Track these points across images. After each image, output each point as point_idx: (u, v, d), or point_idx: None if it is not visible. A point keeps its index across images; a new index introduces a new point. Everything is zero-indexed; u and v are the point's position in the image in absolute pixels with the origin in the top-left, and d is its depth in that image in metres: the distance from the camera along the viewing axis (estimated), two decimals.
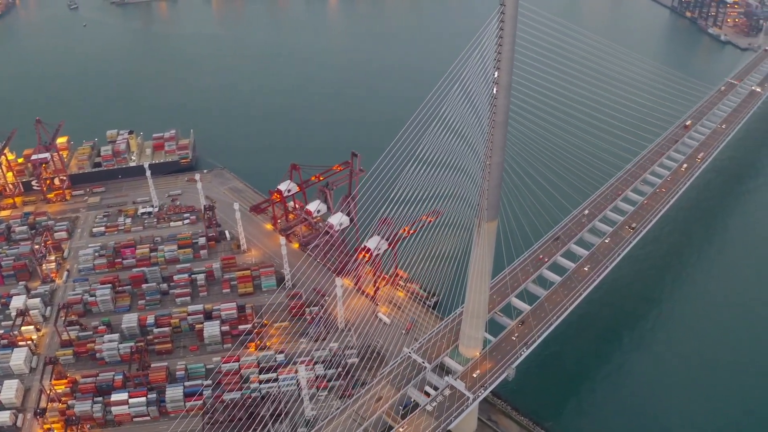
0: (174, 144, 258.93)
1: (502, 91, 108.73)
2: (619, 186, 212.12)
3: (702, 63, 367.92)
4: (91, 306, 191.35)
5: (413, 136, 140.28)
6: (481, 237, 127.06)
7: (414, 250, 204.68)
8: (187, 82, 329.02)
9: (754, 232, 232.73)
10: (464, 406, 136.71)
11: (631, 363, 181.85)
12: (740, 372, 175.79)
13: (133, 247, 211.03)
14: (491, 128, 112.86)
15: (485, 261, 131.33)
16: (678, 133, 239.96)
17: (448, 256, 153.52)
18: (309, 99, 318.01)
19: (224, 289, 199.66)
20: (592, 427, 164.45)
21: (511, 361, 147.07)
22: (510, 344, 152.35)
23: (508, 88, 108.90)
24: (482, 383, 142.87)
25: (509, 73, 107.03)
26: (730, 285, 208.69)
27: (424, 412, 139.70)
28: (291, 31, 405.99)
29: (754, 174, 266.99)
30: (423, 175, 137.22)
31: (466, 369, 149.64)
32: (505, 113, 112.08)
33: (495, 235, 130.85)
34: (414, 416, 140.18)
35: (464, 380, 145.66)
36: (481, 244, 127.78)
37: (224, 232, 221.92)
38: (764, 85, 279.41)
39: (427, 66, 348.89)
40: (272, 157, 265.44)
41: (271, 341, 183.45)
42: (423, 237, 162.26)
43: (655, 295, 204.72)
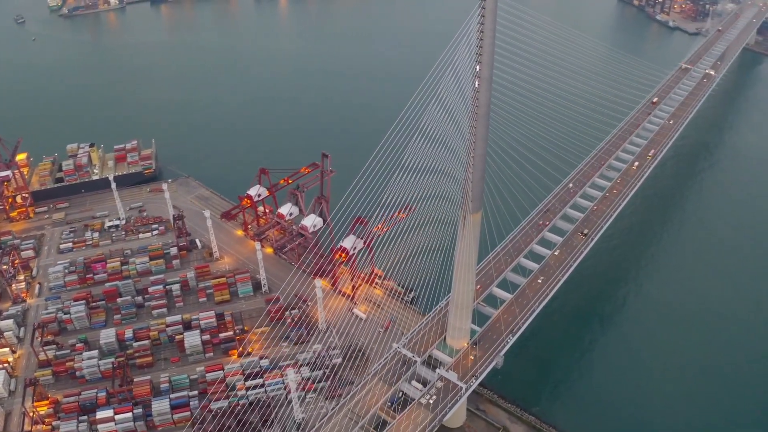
0: (136, 155, 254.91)
1: (484, 84, 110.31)
2: (588, 171, 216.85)
3: (653, 49, 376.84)
4: (66, 324, 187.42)
5: (384, 135, 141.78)
6: (466, 229, 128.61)
7: (390, 247, 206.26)
8: (143, 92, 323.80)
9: (711, 212, 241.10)
10: (458, 396, 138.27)
11: (609, 345, 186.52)
12: (712, 352, 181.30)
13: (103, 262, 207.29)
14: (474, 121, 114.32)
15: (471, 252, 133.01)
16: (639, 117, 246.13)
17: (424, 252, 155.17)
18: (269, 102, 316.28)
19: (200, 298, 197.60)
20: (576, 409, 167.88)
21: (499, 350, 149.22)
22: (496, 333, 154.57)
23: (489, 81, 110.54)
24: (473, 372, 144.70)
25: (490, 66, 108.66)
26: (701, 264, 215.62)
27: (419, 405, 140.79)
28: (243, 35, 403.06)
29: (707, 155, 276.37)
30: (395, 172, 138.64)
31: (456, 360, 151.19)
32: (486, 106, 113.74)
33: (479, 227, 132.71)
34: (410, 410, 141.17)
35: (454, 371, 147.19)
36: (467, 236, 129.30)
37: (195, 240, 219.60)
38: (717, 68, 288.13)
39: (386, 63, 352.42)
40: (237, 162, 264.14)
41: (253, 347, 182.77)
42: (398, 234, 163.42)
43: (629, 278, 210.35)
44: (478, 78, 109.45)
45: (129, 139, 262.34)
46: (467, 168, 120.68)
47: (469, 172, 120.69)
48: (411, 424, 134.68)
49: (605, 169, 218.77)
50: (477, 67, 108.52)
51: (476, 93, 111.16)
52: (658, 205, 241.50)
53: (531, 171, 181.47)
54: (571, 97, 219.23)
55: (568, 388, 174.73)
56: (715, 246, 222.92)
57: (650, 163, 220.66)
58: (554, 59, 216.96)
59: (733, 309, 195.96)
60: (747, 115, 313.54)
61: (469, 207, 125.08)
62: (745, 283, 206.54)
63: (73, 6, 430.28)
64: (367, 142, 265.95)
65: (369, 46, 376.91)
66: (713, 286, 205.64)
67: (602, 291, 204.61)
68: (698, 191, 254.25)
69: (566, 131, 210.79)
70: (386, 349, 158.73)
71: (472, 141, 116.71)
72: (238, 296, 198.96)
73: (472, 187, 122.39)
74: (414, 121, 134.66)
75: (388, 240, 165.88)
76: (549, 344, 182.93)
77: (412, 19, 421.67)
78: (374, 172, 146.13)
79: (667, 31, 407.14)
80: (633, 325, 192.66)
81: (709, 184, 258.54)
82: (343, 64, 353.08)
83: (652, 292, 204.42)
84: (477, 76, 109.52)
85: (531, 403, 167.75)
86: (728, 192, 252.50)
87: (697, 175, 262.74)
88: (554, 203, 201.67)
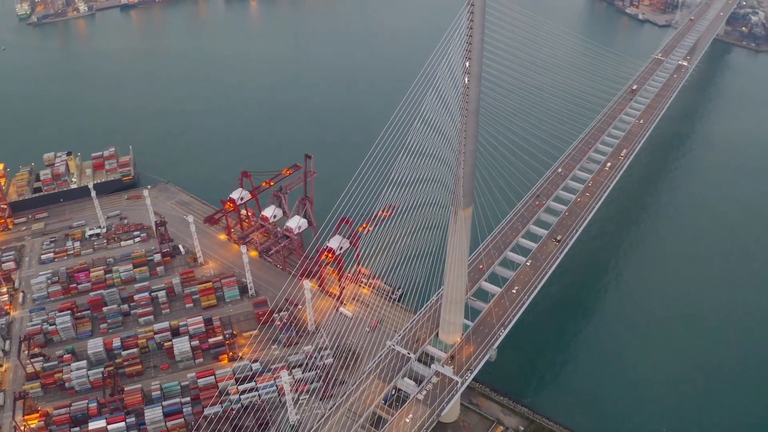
0: (115, 162, 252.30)
1: (474, 80, 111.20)
2: (570, 163, 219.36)
3: (625, 42, 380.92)
4: (52, 335, 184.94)
5: (366, 135, 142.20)
6: (458, 224, 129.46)
7: (377, 246, 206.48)
8: (118, 98, 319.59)
9: (687, 200, 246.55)
10: (455, 391, 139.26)
11: (595, 335, 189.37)
12: (695, 341, 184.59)
13: (86, 271, 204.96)
14: (463, 117, 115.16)
15: (463, 247, 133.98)
16: (617, 109, 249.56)
17: (411, 250, 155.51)
18: (245, 105, 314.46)
19: (187, 303, 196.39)
20: (566, 399, 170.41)
21: (492, 343, 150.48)
22: (488, 326, 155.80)
23: (478, 77, 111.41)
24: (468, 366, 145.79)
25: (479, 62, 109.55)
26: (679, 253, 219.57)
27: (416, 401, 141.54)
28: (216, 38, 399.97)
29: (680, 145, 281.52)
30: (380, 172, 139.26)
31: (450, 354, 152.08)
32: (476, 102, 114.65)
33: (470, 222, 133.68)
34: (407, 406, 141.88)
35: (449, 366, 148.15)
36: (458, 231, 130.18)
37: (178, 246, 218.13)
38: (690, 59, 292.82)
39: (362, 63, 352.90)
40: (216, 166, 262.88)
41: (243, 351, 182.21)
42: (385, 232, 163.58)
43: (611, 269, 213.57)
44: (467, 74, 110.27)
45: (106, 146, 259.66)
46: (458, 164, 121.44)
47: (460, 168, 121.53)
48: (409, 420, 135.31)
49: (585, 161, 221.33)
50: (467, 63, 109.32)
51: (466, 89, 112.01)
52: (635, 194, 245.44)
53: (515, 165, 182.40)
54: (550, 90, 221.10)
55: (559, 379, 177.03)
56: (692, 234, 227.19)
57: (623, 163, 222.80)
58: (533, 53, 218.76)
59: (712, 298, 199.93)
60: (717, 104, 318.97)
61: (461, 202, 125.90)
62: (724, 270, 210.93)
63: (42, 14, 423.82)
64: (347, 142, 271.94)
65: (342, 46, 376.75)
66: (692, 274, 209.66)
67: (585, 283, 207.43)
68: (673, 180, 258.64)
69: (548, 124, 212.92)
70: (377, 347, 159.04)
71: (462, 137, 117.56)
72: (224, 301, 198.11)
73: (462, 183, 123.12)
74: (398, 119, 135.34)
75: (374, 239, 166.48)
76: (537, 336, 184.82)
77: (384, 18, 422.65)
78: (358, 173, 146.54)
79: (638, 24, 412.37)
80: (617, 315, 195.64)
81: (684, 173, 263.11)
82: (318, 65, 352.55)
83: (635, 282, 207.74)
84: (466, 73, 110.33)
85: (523, 395, 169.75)
86: (703, 180, 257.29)
87: (672, 164, 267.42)
88: (540, 196, 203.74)
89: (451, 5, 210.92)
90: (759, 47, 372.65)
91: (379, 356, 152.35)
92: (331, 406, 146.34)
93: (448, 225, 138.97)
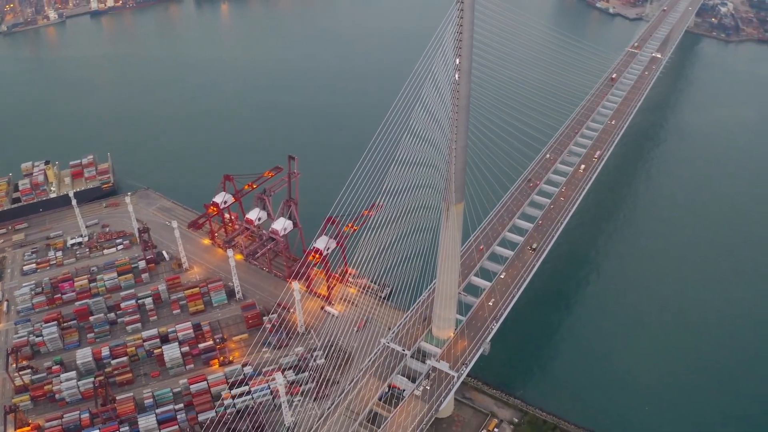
0: (93, 170, 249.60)
1: (464, 76, 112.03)
2: (552, 155, 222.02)
3: (598, 35, 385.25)
4: (39, 347, 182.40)
5: (346, 134, 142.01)
6: (450, 220, 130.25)
7: (364, 245, 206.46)
8: (93, 105, 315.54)
9: (660, 188, 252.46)
10: (451, 385, 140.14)
11: (584, 327, 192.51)
12: (684, 331, 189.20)
13: (70, 281, 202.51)
14: (454, 113, 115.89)
15: (455, 243, 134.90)
16: (595, 101, 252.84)
17: (398, 248, 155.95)
18: (222, 108, 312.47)
19: (174, 310, 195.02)
20: (557, 388, 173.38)
21: (485, 336, 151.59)
22: (480, 320, 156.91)
23: (468, 73, 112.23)
24: (462, 360, 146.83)
25: (469, 58, 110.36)
26: (658, 238, 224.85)
27: (414, 397, 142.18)
28: (188, 42, 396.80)
29: (654, 136, 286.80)
30: (363, 171, 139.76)
31: (444, 349, 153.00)
32: (466, 98, 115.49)
33: (462, 217, 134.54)
34: (404, 403, 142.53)
35: (444, 360, 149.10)
36: (450, 227, 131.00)
37: (162, 252, 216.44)
38: (663, 51, 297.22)
39: (337, 63, 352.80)
40: (196, 171, 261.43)
41: (233, 355, 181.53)
42: (372, 232, 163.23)
43: (591, 260, 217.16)
44: (458, 71, 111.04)
45: (84, 154, 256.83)
46: (449, 159, 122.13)
47: (452, 164, 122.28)
48: (408, 416, 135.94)
49: (566, 155, 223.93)
50: (457, 60, 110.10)
51: (456, 86, 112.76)
52: (611, 186, 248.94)
53: (501, 159, 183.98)
54: (529, 84, 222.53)
55: (548, 371, 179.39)
56: (668, 225, 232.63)
57: (597, 165, 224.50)
58: (512, 49, 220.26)
59: (690, 288, 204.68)
60: (689, 95, 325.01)
61: (452, 198, 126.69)
62: (700, 260, 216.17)
63: (11, 23, 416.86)
64: (328, 142, 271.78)
65: (316, 46, 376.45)
66: (670, 265, 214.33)
67: (567, 275, 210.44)
68: (647, 171, 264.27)
69: (530, 117, 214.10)
70: (368, 346, 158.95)
71: (453, 133, 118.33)
72: (212, 305, 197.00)
73: (454, 178, 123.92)
74: (379, 118, 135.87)
75: (361, 238, 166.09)
76: (524, 329, 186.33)
77: (356, 18, 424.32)
78: (342, 172, 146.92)
79: (608, 18, 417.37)
80: (600, 306, 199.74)
81: (658, 163, 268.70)
82: (293, 66, 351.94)
83: (615, 274, 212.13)
84: (457, 69, 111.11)
85: (515, 387, 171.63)
86: (676, 171, 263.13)
87: (647, 155, 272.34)
88: (524, 187, 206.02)
89: (421, 6, 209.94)
90: (728, 37, 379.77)
91: (374, 354, 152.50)
92: (330, 405, 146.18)
93: (433, 224, 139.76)
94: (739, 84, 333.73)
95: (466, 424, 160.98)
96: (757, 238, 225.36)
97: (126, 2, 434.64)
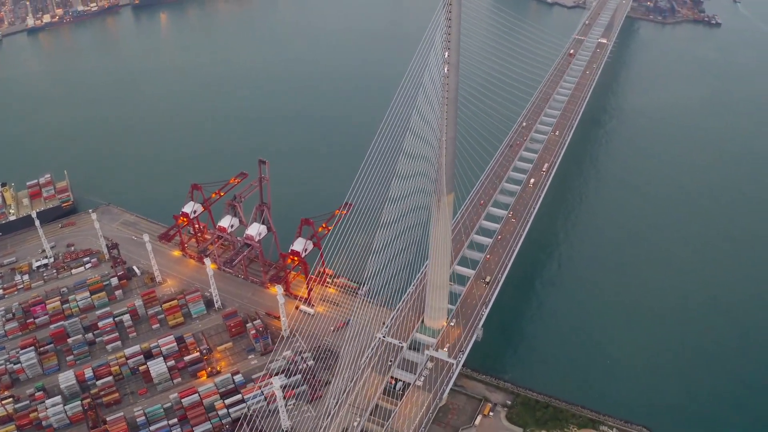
0: (52, 189, 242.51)
1: (453, 69, 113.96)
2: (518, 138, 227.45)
3: (540, 24, 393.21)
4: (18, 374, 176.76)
5: (309, 136, 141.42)
6: (441, 211, 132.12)
7: (340, 244, 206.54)
8: (42, 124, 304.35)
9: (609, 170, 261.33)
10: (451, 372, 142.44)
11: (559, 305, 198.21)
12: (667, 310, 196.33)
13: (42, 304, 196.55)
14: (444, 105, 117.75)
15: (446, 233, 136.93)
16: (551, 87, 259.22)
17: (377, 244, 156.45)
18: (176, 117, 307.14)
19: (153, 324, 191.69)
20: (544, 368, 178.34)
21: (477, 323, 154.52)
22: (469, 308, 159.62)
23: (457, 66, 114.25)
24: (459, 348, 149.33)
25: (457, 52, 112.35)
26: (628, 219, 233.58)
27: (415, 388, 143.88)
28: (130, 53, 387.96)
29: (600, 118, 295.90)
30: (334, 171, 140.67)
31: (439, 338, 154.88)
32: (455, 90, 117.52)
33: (452, 208, 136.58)
34: (408, 394, 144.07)
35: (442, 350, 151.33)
36: (441, 218, 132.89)
37: (132, 268, 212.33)
38: (608, 37, 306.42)
39: (279, 63, 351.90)
40: (156, 183, 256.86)
41: (220, 365, 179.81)
42: (346, 231, 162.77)
43: (563, 243, 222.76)
44: (447, 64, 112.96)
45: (40, 173, 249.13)
46: (440, 152, 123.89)
47: (442, 155, 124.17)
48: (413, 406, 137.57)
49: (529, 142, 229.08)
50: (446, 53, 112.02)
51: (446, 78, 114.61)
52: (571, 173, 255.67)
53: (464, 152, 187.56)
54: (487, 75, 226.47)
55: (534, 352, 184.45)
56: (623, 206, 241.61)
57: (548, 174, 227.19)
58: None
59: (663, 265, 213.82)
60: (630, 78, 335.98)
61: (444, 189, 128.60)
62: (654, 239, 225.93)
63: None
64: (293, 144, 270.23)
65: (261, 49, 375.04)
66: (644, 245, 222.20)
67: (539, 259, 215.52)
68: (596, 153, 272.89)
69: (487, 111, 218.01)
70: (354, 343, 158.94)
71: (443, 125, 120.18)
72: (191, 317, 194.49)
73: (445, 169, 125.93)
74: (343, 116, 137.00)
75: (339, 237, 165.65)
76: (507, 315, 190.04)
77: (296, 20, 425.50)
78: (309, 174, 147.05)
79: (547, 8, 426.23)
80: (576, 285, 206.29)
81: (606, 145, 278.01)
82: (238, 71, 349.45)
83: (586, 254, 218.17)
84: (446, 62, 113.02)
85: (504, 371, 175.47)
86: (622, 152, 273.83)
87: (595, 138, 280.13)
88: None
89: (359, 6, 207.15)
90: (665, 20, 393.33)
91: (371, 349, 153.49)
92: (336, 403, 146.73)
93: (414, 220, 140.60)
94: (679, 64, 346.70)
95: (461, 411, 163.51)
96: (714, 212, 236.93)
97: (63, 17, 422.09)
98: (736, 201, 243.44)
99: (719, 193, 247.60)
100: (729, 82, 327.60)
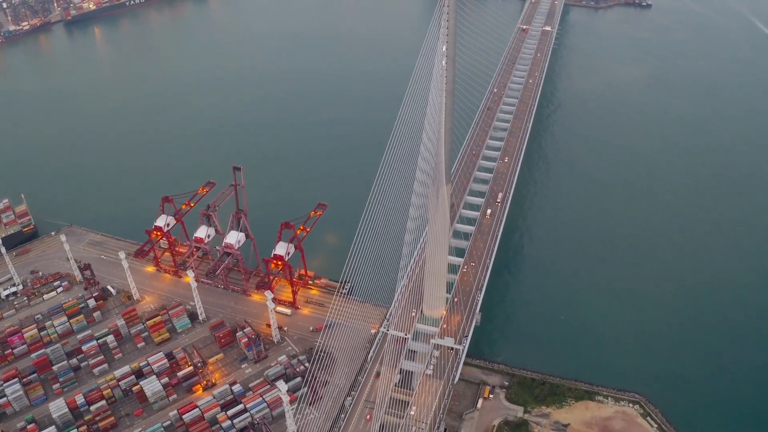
0: (11, 214, 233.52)
1: (450, 62, 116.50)
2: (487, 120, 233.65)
3: (478, 16, 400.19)
4: (4, 408, 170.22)
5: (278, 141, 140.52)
6: (439, 201, 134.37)
7: (318, 245, 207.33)
8: None
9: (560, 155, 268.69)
10: (459, 358, 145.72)
11: (541, 286, 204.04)
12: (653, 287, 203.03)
13: (18, 333, 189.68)
14: (442, 97, 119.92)
15: (445, 222, 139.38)
16: (505, 76, 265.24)
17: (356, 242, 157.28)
18: (128, 132, 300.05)
19: (138, 343, 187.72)
20: (533, 347, 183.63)
21: (474, 307, 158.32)
22: (464, 294, 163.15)
23: (453, 59, 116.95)
24: (462, 333, 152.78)
25: (454, 45, 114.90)
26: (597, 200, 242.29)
27: (425, 377, 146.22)
28: (66, 71, 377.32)
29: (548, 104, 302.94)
30: (300, 173, 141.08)
31: (441, 326, 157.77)
32: (452, 82, 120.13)
33: (450, 198, 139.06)
34: (420, 383, 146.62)
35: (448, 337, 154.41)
36: (440, 208, 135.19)
37: (107, 287, 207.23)
38: (552, 24, 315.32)
39: (223, 70, 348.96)
40: (118, 200, 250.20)
41: (215, 377, 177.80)
42: (326, 231, 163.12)
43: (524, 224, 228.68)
44: (445, 57, 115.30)
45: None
46: (438, 143, 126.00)
47: (441, 146, 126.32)
48: (428, 395, 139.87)
49: (493, 131, 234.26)
50: (443, 47, 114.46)
51: (444, 71, 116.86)
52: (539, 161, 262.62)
53: None
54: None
55: (523, 333, 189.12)
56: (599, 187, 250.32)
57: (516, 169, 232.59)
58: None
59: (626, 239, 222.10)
60: (571, 62, 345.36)
61: (443, 179, 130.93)
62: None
63: None
64: (260, 150, 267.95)
65: (203, 57, 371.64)
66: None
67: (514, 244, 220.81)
68: (544, 138, 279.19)
69: None
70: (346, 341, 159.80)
71: (441, 116, 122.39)
72: (176, 332, 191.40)
73: (444, 159, 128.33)
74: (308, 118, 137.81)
75: (319, 238, 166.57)
76: (493, 298, 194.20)
77: (231, 25, 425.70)
78: (280, 178, 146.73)
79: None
80: (552, 264, 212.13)
81: (552, 129, 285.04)
82: (182, 81, 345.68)
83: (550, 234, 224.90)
84: (444, 56, 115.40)
85: (497, 354, 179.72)
86: (567, 135, 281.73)
87: (541, 124, 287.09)
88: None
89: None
90: (597, 4, 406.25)
91: (376, 343, 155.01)
92: (351, 402, 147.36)
93: (396, 216, 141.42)
94: (618, 47, 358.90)
95: (462, 396, 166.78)
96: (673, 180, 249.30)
97: None
98: (687, 175, 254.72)
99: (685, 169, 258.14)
100: (666, 60, 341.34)
